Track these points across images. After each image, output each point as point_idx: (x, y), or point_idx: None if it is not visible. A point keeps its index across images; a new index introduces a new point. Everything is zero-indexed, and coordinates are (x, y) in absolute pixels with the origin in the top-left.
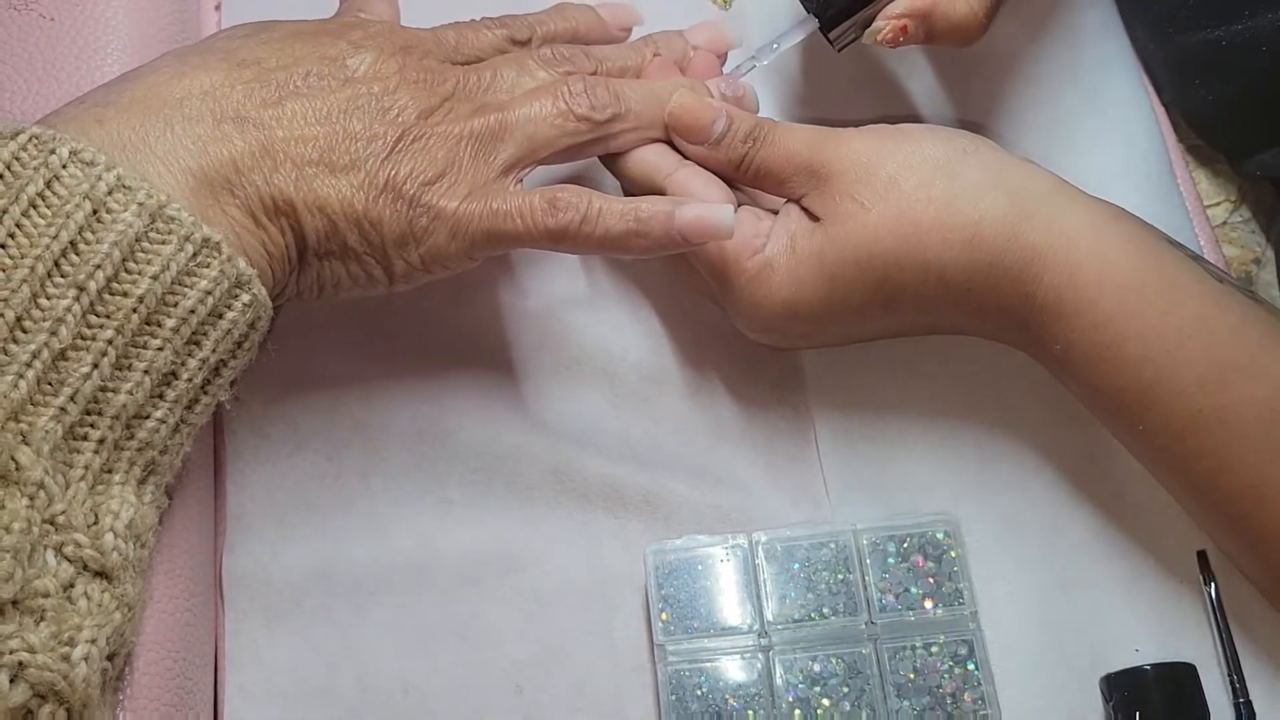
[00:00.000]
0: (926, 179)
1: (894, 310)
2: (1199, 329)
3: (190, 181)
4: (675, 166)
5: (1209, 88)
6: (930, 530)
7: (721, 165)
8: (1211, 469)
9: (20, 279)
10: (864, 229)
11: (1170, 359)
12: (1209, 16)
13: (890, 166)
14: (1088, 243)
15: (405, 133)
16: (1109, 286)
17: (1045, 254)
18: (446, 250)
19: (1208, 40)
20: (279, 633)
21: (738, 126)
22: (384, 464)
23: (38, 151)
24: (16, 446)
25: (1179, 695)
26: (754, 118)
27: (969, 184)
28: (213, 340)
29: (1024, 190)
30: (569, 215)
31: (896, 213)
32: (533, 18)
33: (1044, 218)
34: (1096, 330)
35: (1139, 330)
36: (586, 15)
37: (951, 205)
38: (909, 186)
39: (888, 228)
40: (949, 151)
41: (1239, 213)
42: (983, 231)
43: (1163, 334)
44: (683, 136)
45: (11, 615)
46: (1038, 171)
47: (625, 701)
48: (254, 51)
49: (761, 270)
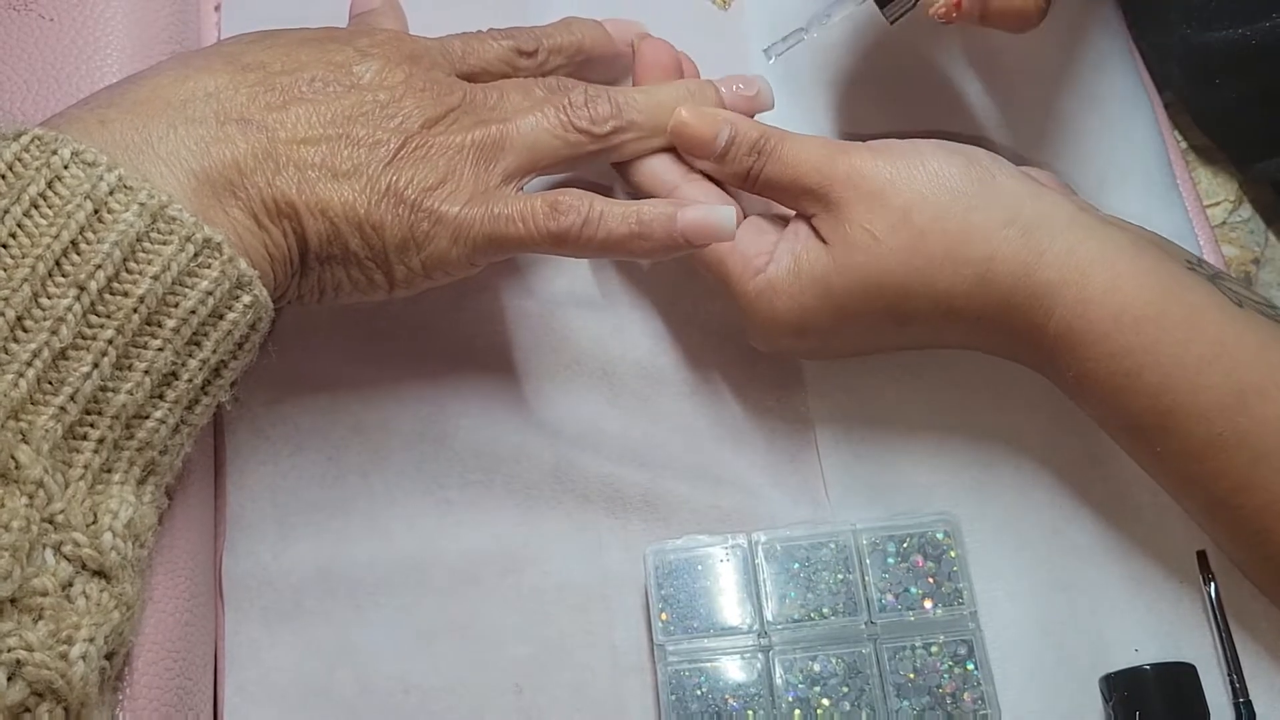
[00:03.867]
0: (941, 211)
1: (903, 332)
2: (1219, 354)
3: (192, 182)
4: (681, 180)
5: (1231, 87)
6: (930, 530)
7: (729, 179)
8: (1230, 488)
9: (21, 278)
10: (875, 261)
11: (1190, 385)
12: (1235, 15)
13: (905, 195)
14: (1103, 277)
15: (408, 140)
16: (1125, 319)
17: (1057, 290)
18: (448, 255)
19: (1233, 39)
20: (279, 633)
21: (742, 139)
22: (384, 464)
23: (40, 152)
24: (16, 445)
25: (1179, 695)
26: (760, 128)
27: (984, 218)
28: (213, 341)
29: (1040, 224)
30: (570, 218)
31: (909, 246)
32: (539, 30)
33: (1059, 253)
34: (1112, 360)
35: (1157, 359)
36: (593, 30)
37: (965, 240)
38: (923, 220)
39: (899, 260)
40: (966, 181)
41: (1239, 213)
42: (995, 269)
43: (1182, 362)
44: (686, 151)
45: (10, 613)
46: (1058, 201)
47: (625, 701)
48: (259, 56)
49: (764, 291)
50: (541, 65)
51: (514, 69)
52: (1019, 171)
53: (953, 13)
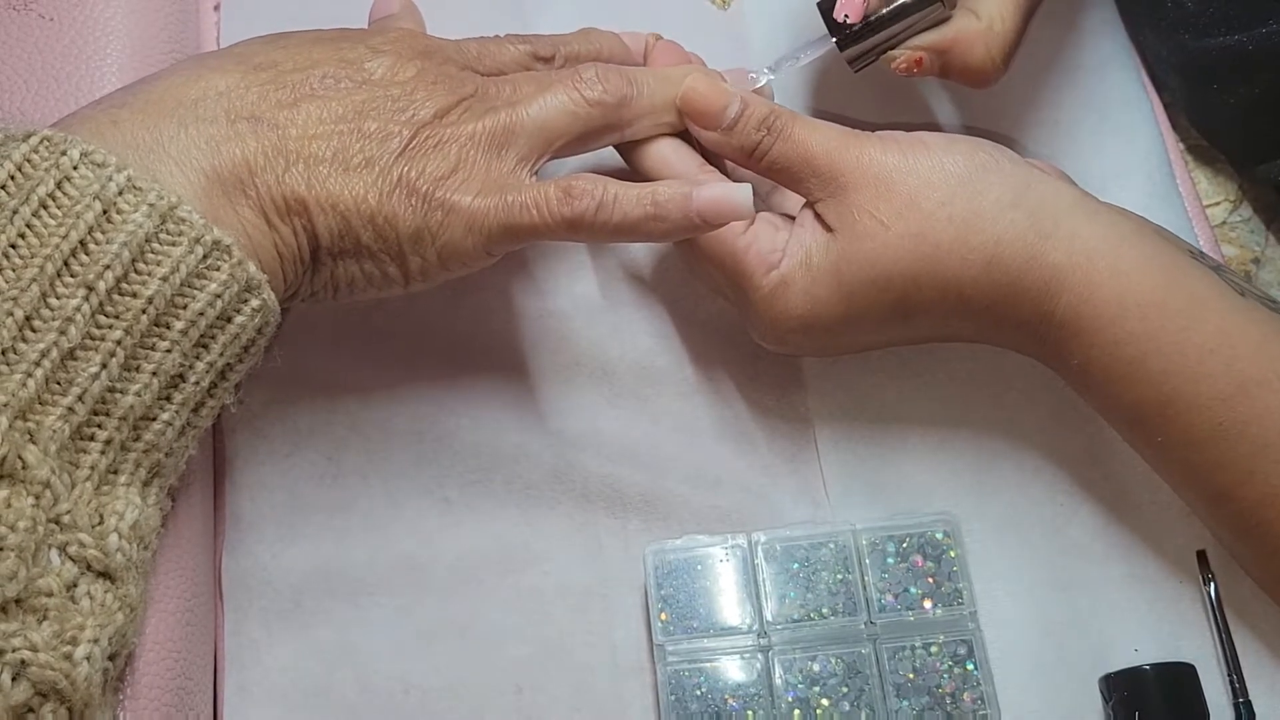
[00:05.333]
0: (947, 197)
1: (911, 324)
2: (1221, 344)
3: (203, 181)
4: (695, 170)
5: (1229, 92)
6: (930, 530)
7: (735, 153)
8: (1232, 480)
9: (30, 278)
10: (883, 249)
11: (1191, 374)
12: (1232, 22)
13: (911, 183)
14: (1108, 261)
15: (419, 131)
16: (1129, 304)
17: (1064, 273)
18: (463, 246)
19: (1229, 45)
20: (279, 633)
21: (751, 112)
22: (384, 464)
23: (49, 153)
24: (24, 445)
25: (1179, 695)
26: (770, 105)
27: (990, 203)
28: (221, 344)
29: (1045, 208)
30: (585, 203)
31: (916, 233)
32: (557, 38)
33: (1064, 236)
34: (1116, 347)
35: (1159, 347)
36: (611, 41)
37: (971, 225)
38: (929, 205)
39: (907, 248)
40: (970, 167)
41: (1238, 212)
42: (1001, 252)
43: (1184, 350)
44: (695, 120)
45: (14, 614)
46: (1061, 187)
47: (625, 701)
48: (271, 55)
49: (777, 287)
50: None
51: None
52: (1022, 159)
53: (914, 68)
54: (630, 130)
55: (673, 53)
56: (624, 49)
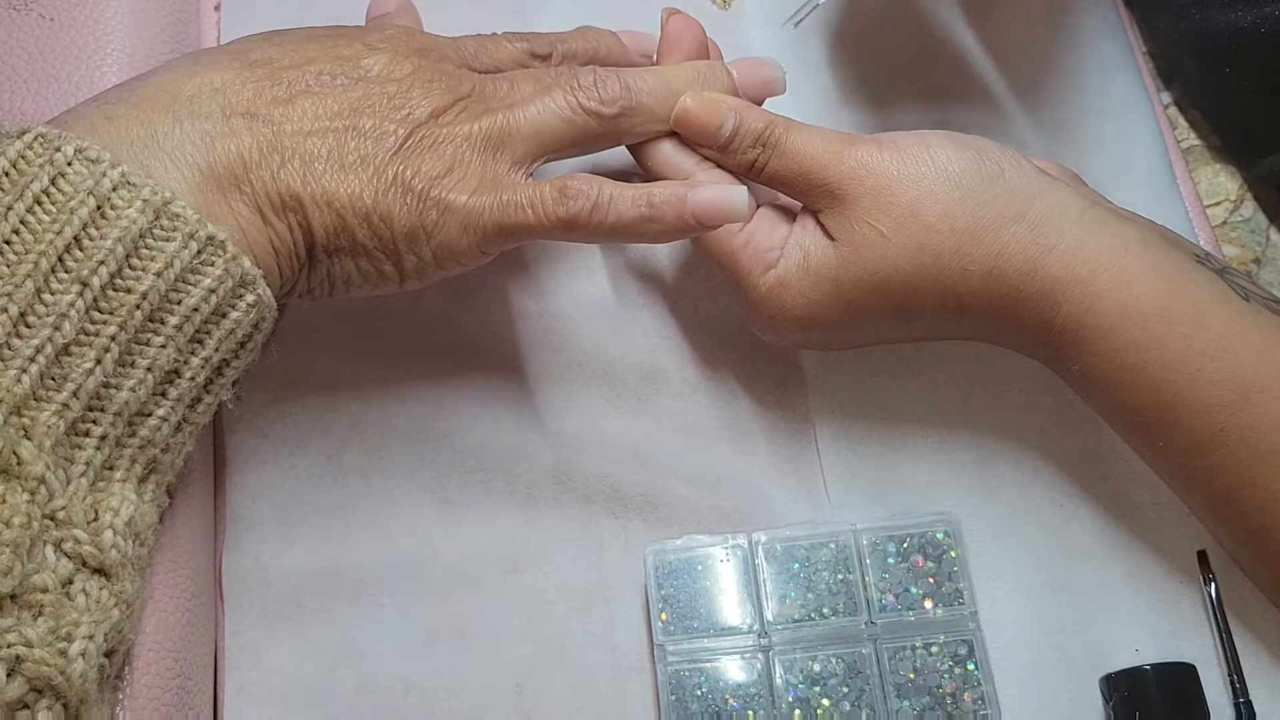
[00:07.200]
0: (949, 208)
1: (910, 325)
2: (1223, 350)
3: (197, 177)
4: (695, 168)
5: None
6: (930, 530)
7: (733, 170)
8: (1232, 484)
9: (24, 274)
10: (883, 259)
11: (1193, 380)
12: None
13: (912, 192)
14: (1111, 272)
15: (415, 129)
16: (1131, 313)
17: (1065, 285)
18: (458, 245)
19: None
20: (279, 633)
21: (746, 130)
22: (384, 464)
23: (43, 149)
24: (19, 441)
25: (1179, 695)
26: (766, 119)
27: (993, 216)
28: (216, 339)
29: (1050, 219)
30: (580, 203)
31: (917, 244)
32: (555, 36)
33: (1067, 248)
34: (1117, 354)
35: (1161, 354)
36: (608, 39)
37: (973, 237)
38: (931, 217)
39: (907, 258)
40: (974, 175)
41: (1239, 213)
42: (1002, 265)
43: (1186, 357)
44: (690, 139)
45: (10, 610)
46: (1068, 197)
47: (625, 702)
48: (267, 52)
49: (774, 288)
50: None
51: None
52: (1028, 163)
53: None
54: (627, 136)
55: (686, 29)
56: (621, 48)
